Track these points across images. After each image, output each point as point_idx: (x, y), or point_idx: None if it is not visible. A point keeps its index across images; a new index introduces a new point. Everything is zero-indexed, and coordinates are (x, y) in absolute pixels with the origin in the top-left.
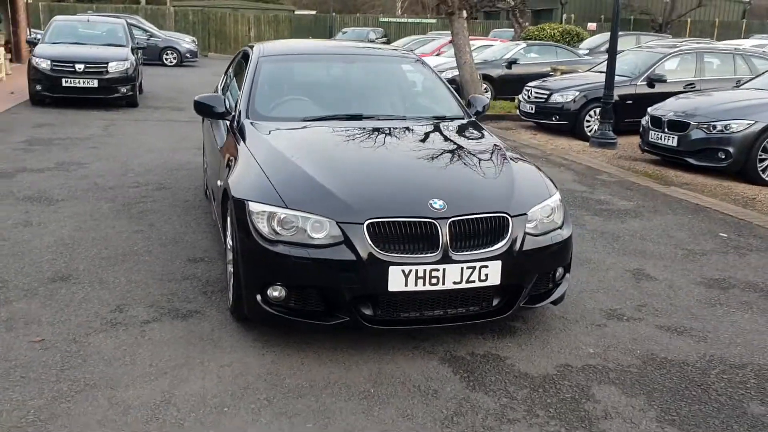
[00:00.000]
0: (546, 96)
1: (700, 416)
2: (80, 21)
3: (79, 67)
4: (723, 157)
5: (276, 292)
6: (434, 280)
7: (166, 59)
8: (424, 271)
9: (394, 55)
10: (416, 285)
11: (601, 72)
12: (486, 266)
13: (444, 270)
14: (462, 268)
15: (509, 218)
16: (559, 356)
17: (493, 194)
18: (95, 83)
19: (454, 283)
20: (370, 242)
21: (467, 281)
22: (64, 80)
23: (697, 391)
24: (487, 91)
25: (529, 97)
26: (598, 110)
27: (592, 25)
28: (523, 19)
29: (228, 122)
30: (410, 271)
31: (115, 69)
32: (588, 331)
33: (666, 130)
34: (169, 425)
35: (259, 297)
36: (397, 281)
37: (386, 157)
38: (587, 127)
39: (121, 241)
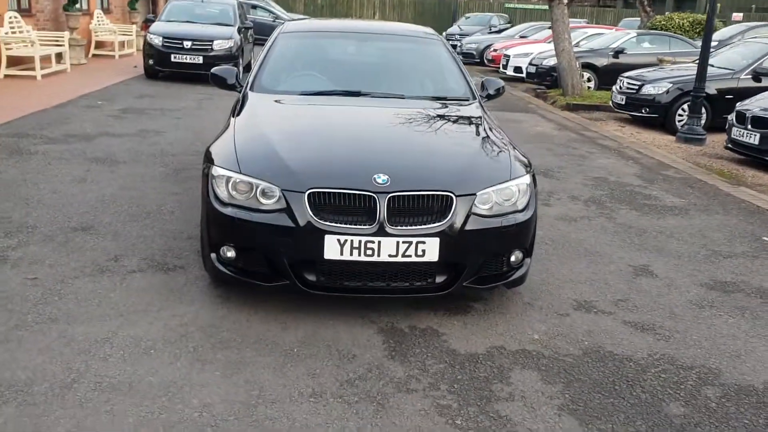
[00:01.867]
0: (637, 87)
1: (608, 409)
2: (194, 1)
3: (187, 44)
4: None
5: (229, 252)
6: (369, 252)
7: None
8: (359, 242)
9: (412, 35)
10: (351, 255)
11: None
12: (423, 242)
13: (379, 243)
14: (398, 242)
15: (454, 197)
16: (499, 339)
17: (442, 173)
18: (200, 59)
19: (390, 256)
20: (309, 211)
21: (403, 255)
22: (173, 56)
23: (621, 386)
24: (589, 81)
25: (621, 87)
26: None
27: (737, 16)
28: (652, 8)
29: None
30: (345, 241)
31: (219, 47)
32: (545, 319)
33: (749, 126)
34: (95, 359)
35: (213, 255)
36: (332, 250)
37: (351, 132)
38: (679, 121)
39: (154, 200)
